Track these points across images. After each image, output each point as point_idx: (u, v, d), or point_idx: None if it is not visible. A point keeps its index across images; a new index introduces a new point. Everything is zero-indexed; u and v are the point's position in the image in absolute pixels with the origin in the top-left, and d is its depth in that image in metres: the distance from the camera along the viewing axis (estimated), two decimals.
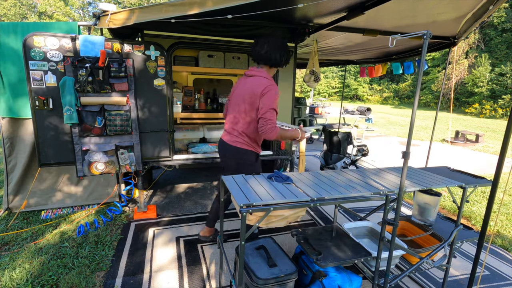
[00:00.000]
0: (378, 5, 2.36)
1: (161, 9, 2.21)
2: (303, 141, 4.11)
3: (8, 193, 3.14)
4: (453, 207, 3.71)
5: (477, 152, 7.38)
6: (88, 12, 34.75)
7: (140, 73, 2.76)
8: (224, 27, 3.04)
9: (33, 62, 2.44)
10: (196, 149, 3.31)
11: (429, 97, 23.91)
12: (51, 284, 2.13)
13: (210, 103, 4.14)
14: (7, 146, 3.06)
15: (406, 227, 2.28)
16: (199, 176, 4.63)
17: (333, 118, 10.74)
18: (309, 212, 3.45)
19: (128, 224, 3.02)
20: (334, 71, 32.11)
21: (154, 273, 2.28)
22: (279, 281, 1.61)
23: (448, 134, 9.78)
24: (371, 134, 9.84)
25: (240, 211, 1.42)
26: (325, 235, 1.95)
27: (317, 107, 8.31)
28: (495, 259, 2.66)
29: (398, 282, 1.84)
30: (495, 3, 2.75)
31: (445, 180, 1.97)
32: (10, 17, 27.13)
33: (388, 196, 1.62)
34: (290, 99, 3.44)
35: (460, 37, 3.69)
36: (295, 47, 3.34)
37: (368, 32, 3.33)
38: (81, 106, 2.58)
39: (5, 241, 2.67)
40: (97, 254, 2.49)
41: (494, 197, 1.63)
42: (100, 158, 2.72)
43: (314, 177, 1.96)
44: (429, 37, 1.36)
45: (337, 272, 1.73)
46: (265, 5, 2.29)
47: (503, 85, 19.06)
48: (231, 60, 3.33)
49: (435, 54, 23.48)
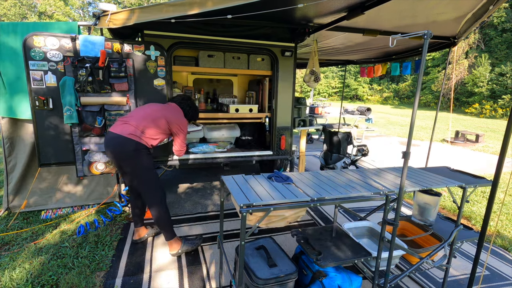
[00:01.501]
0: (378, 5, 2.36)
1: (161, 9, 2.21)
2: (303, 141, 4.12)
3: (8, 193, 3.14)
4: (453, 207, 3.71)
5: (477, 152, 7.38)
6: (88, 12, 34.77)
7: (140, 73, 2.76)
8: (224, 27, 3.04)
9: (33, 62, 2.44)
10: (196, 149, 3.31)
11: (429, 97, 23.91)
12: (51, 284, 2.13)
13: (210, 103, 4.14)
14: (7, 146, 3.06)
15: (406, 227, 2.28)
16: (199, 176, 4.63)
17: (333, 118, 10.73)
18: (309, 212, 3.45)
19: (128, 224, 3.02)
20: (334, 71, 32.12)
21: (154, 273, 2.28)
22: (279, 281, 1.61)
23: (448, 134, 9.78)
24: (371, 134, 9.84)
25: (240, 211, 1.42)
26: (325, 235, 1.95)
27: (317, 107, 8.30)
28: (495, 259, 2.66)
29: (398, 282, 1.84)
30: (495, 3, 2.75)
31: (445, 180, 1.97)
32: (10, 17, 27.13)
33: (388, 196, 1.61)
34: (290, 99, 3.44)
35: (460, 37, 3.69)
36: (295, 47, 3.34)
37: (368, 32, 3.32)
38: (81, 106, 2.58)
39: (5, 241, 2.67)
40: (97, 254, 2.49)
41: (494, 197, 1.62)
42: (100, 158, 2.72)
43: (314, 177, 1.96)
44: (429, 37, 1.36)
45: (337, 272, 1.73)
46: (265, 5, 2.29)
47: (503, 85, 19.06)
48: (231, 60, 3.33)
49: (435, 54, 23.49)
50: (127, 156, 2.28)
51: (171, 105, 2.60)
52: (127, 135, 2.25)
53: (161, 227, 2.45)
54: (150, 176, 2.38)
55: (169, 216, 2.46)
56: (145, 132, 2.32)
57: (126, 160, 2.30)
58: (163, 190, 2.46)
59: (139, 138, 2.28)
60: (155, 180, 2.40)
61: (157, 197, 2.39)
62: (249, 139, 4.05)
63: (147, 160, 2.36)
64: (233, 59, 3.34)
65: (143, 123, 2.33)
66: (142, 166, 2.33)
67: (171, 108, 2.55)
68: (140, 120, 2.34)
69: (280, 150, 3.51)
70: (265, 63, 3.45)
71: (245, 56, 3.38)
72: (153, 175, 2.40)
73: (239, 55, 3.35)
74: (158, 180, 2.43)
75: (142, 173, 2.35)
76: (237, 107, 3.45)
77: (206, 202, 3.63)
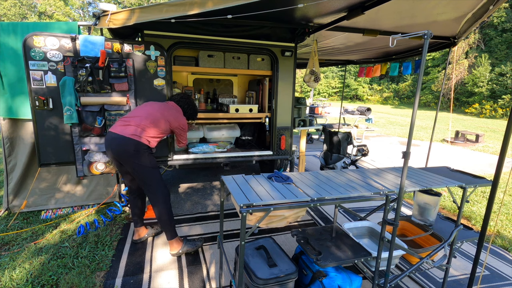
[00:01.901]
0: (378, 5, 2.36)
1: (161, 9, 2.21)
2: (303, 141, 4.12)
3: (8, 193, 3.14)
4: (453, 207, 3.71)
5: (477, 152, 7.38)
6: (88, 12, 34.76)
7: (140, 73, 2.76)
8: (224, 27, 3.04)
9: (33, 62, 2.44)
10: (196, 149, 3.31)
11: (429, 97, 23.91)
12: (51, 284, 2.13)
13: (210, 103, 4.14)
14: (7, 146, 3.06)
15: (406, 227, 2.28)
16: (199, 176, 4.63)
17: (333, 118, 10.74)
18: (309, 212, 3.45)
19: (128, 224, 3.02)
20: (334, 71, 32.12)
21: (154, 273, 2.28)
22: (279, 281, 1.61)
23: (448, 134, 9.78)
24: (371, 134, 9.84)
25: (240, 211, 1.42)
26: (325, 235, 1.95)
27: (317, 107, 8.29)
28: (495, 259, 2.66)
29: (398, 282, 1.84)
30: (495, 3, 2.74)
31: (445, 180, 1.97)
32: (10, 17, 27.14)
33: (388, 196, 1.61)
34: (290, 99, 3.44)
35: (460, 37, 3.69)
36: (295, 47, 3.34)
37: (368, 32, 3.32)
38: (81, 106, 2.58)
39: (5, 241, 2.67)
40: (97, 254, 2.49)
41: (494, 197, 1.63)
42: (100, 158, 2.72)
43: (314, 177, 1.96)
44: (429, 37, 1.36)
45: (337, 272, 1.73)
46: (265, 5, 2.29)
47: (503, 85, 19.06)
48: (231, 60, 3.33)
49: (435, 54, 23.49)
50: (129, 156, 2.28)
51: (170, 104, 2.60)
52: (128, 136, 2.25)
53: (163, 226, 2.46)
54: (153, 175, 2.38)
55: (172, 215, 2.46)
56: (146, 132, 2.32)
57: (128, 160, 2.30)
58: (166, 189, 2.46)
59: (140, 138, 2.29)
60: (158, 179, 2.40)
61: (160, 196, 2.40)
62: (249, 139, 4.05)
63: (150, 159, 2.36)
64: (233, 59, 3.34)
65: (144, 123, 2.33)
66: (144, 165, 2.33)
67: (170, 107, 2.56)
68: (141, 120, 2.34)
69: (280, 150, 3.51)
70: (265, 63, 3.45)
71: (245, 56, 3.38)
72: (156, 174, 2.40)
73: (239, 55, 3.35)
74: (161, 178, 2.43)
75: (145, 173, 2.35)
76: (237, 107, 3.45)
77: (206, 202, 3.63)
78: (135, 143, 2.26)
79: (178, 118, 2.54)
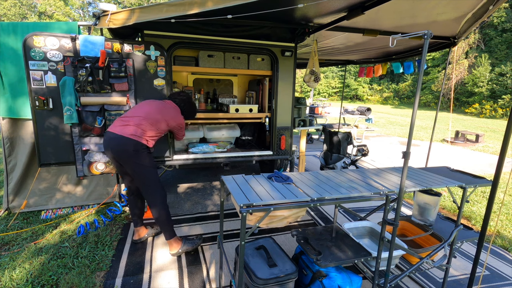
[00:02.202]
0: (378, 5, 2.36)
1: (161, 9, 2.21)
2: (303, 141, 4.12)
3: (8, 193, 3.14)
4: (453, 207, 3.71)
5: (477, 152, 7.38)
6: (88, 12, 34.76)
7: (140, 73, 2.76)
8: (224, 27, 3.04)
9: (33, 62, 2.44)
10: (196, 149, 3.31)
11: (429, 97, 23.91)
12: (51, 284, 2.13)
13: (210, 103, 4.14)
14: (7, 146, 3.06)
15: (406, 227, 2.28)
16: (199, 176, 4.62)
17: (333, 118, 10.74)
18: (309, 212, 3.45)
19: (128, 224, 3.02)
20: (334, 71, 32.12)
21: (154, 273, 2.28)
22: (279, 281, 1.61)
23: (448, 134, 9.78)
24: (371, 134, 9.84)
25: (240, 211, 1.42)
26: (325, 235, 1.95)
27: (317, 107, 8.30)
28: (495, 259, 2.66)
29: (398, 282, 1.84)
30: (495, 3, 2.74)
31: (445, 180, 1.97)
32: (10, 17, 27.14)
33: (388, 196, 1.61)
34: (290, 99, 3.44)
35: (460, 37, 3.69)
36: (295, 47, 3.34)
37: (368, 32, 3.32)
38: (81, 106, 2.58)
39: (5, 241, 2.67)
40: (97, 254, 2.49)
41: (494, 197, 1.62)
42: (100, 158, 2.72)
43: (314, 177, 1.96)
44: (429, 37, 1.36)
45: (337, 272, 1.73)
46: (265, 5, 2.29)
47: (503, 85, 19.07)
48: (231, 60, 3.33)
49: (435, 54, 23.49)
50: (128, 156, 2.28)
51: (168, 103, 2.60)
52: (128, 136, 2.26)
53: (161, 226, 2.46)
54: (151, 175, 2.38)
55: (169, 215, 2.47)
56: (145, 132, 2.32)
57: (127, 160, 2.30)
58: (163, 189, 2.46)
59: (139, 138, 2.29)
60: (156, 179, 2.40)
61: (157, 197, 2.40)
62: (249, 139, 4.05)
63: (148, 160, 2.36)
64: (233, 59, 3.34)
65: (143, 123, 2.33)
66: (143, 165, 2.33)
67: (168, 106, 2.56)
68: (140, 120, 2.34)
69: (280, 150, 3.51)
70: (265, 63, 3.45)
71: (245, 56, 3.38)
72: (154, 174, 2.40)
73: (239, 55, 3.35)
74: (158, 179, 2.43)
75: (143, 173, 2.35)
76: (237, 107, 3.45)
77: (206, 202, 3.63)
78: (134, 143, 2.26)
79: (176, 118, 2.56)
